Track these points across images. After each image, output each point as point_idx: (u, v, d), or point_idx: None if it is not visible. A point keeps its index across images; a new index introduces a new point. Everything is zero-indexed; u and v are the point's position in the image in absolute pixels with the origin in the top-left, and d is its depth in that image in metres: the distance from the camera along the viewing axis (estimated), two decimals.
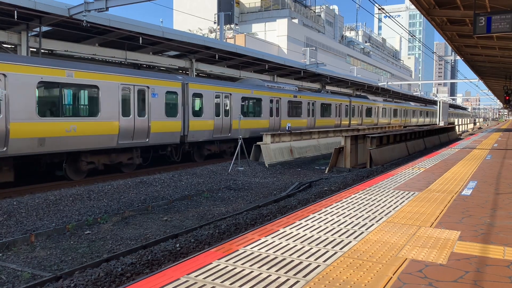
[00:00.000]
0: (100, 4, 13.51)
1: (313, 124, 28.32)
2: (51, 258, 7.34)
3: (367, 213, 5.67)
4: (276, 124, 24.31)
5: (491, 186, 8.01)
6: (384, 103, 42.28)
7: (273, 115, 24.06)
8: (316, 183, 14.59)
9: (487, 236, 4.68)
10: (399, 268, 3.64)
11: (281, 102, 24.73)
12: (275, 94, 24.23)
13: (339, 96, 33.62)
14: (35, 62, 12.32)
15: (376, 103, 39.87)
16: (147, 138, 15.67)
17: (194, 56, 22.94)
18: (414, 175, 9.44)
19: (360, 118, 35.90)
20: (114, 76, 14.51)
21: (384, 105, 41.88)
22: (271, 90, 23.98)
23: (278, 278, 3.40)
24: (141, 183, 13.02)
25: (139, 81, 15.43)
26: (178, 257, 7.15)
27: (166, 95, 16.57)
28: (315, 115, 28.70)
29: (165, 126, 16.49)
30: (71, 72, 13.12)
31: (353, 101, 34.47)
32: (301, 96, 27.06)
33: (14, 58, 11.95)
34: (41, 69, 12.33)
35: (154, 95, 15.98)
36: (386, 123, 41.89)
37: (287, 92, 25.71)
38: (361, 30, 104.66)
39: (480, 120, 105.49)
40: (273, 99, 24.05)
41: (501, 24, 10.15)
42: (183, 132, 17.52)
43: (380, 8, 15.31)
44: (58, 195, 11.05)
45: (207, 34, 54.93)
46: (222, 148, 20.56)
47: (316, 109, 28.81)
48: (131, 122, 15.07)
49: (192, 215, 10.35)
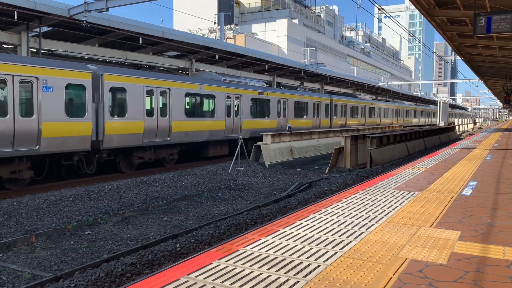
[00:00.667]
0: (100, 4, 13.51)
1: (285, 124, 25.10)
2: (51, 259, 7.34)
3: (367, 213, 5.67)
4: (236, 126, 20.56)
5: (491, 186, 8.01)
6: (373, 102, 39.64)
7: (231, 115, 20.44)
8: (316, 183, 14.59)
9: (487, 236, 4.67)
10: (399, 268, 3.64)
11: (242, 99, 21.21)
12: (234, 90, 20.66)
13: (318, 94, 31.17)
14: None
15: (364, 102, 37.00)
16: (37, 145, 12.26)
17: (194, 56, 22.95)
18: (414, 175, 9.44)
19: (343, 118, 32.79)
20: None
21: (373, 104, 39.10)
22: (229, 86, 20.48)
23: (278, 278, 3.40)
24: (141, 184, 13.03)
25: (20, 70, 11.87)
26: (178, 257, 7.15)
27: (67, 89, 13.15)
28: (287, 114, 25.25)
29: (66, 129, 13.08)
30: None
31: (335, 100, 31.41)
32: (269, 93, 23.61)
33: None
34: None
35: (47, 89, 12.59)
36: (375, 123, 38.93)
37: (251, 88, 22.17)
38: (361, 30, 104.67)
39: (480, 120, 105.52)
40: (231, 96, 20.49)
41: (501, 24, 10.15)
42: (95, 136, 14.09)
43: (380, 8, 15.31)
44: (58, 195, 11.05)
45: (207, 34, 54.97)
46: (160, 155, 16.96)
47: (288, 108, 25.45)
48: (9, 124, 11.63)
49: (192, 215, 10.35)
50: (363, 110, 36.65)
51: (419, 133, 27.14)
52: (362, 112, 36.32)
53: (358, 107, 35.33)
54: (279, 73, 30.91)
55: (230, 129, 20.27)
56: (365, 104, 37.10)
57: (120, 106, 15.01)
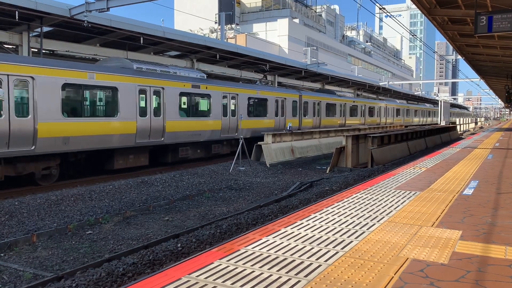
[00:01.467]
0: (101, 4, 13.52)
1: (234, 126, 19.90)
2: (52, 258, 7.35)
3: (368, 213, 5.67)
4: (158, 127, 15.90)
5: (492, 185, 8.00)
6: (355, 100, 35.32)
7: (149, 113, 15.55)
8: (317, 183, 14.58)
9: (488, 235, 4.67)
10: (400, 268, 3.64)
11: (165, 94, 16.21)
12: (150, 82, 15.65)
13: (283, 89, 26.24)
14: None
15: (344, 99, 32.99)
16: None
17: (195, 56, 22.96)
18: (415, 174, 9.43)
19: (317, 118, 28.66)
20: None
21: (355, 102, 34.67)
22: (143, 76, 15.54)
23: (280, 278, 3.40)
24: (142, 183, 13.04)
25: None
26: (179, 257, 7.15)
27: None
28: (237, 113, 20.35)
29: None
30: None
31: (304, 96, 26.79)
32: (209, 86, 18.65)
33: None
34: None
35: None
36: (358, 123, 34.77)
37: (179, 80, 17.12)
38: (362, 30, 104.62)
39: (481, 120, 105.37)
40: (147, 90, 15.49)
41: (503, 23, 10.13)
42: None
43: (381, 7, 15.30)
44: (60, 195, 11.07)
45: (208, 34, 55.00)
46: None
47: (240, 106, 20.64)
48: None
49: (193, 215, 10.35)
50: (343, 109, 32.75)
51: (420, 133, 27.12)
52: (342, 111, 32.52)
53: (335, 104, 31.24)
54: (280, 72, 30.92)
55: (142, 132, 15.43)
56: (346, 102, 33.28)
57: None
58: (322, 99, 29.15)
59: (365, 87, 44.50)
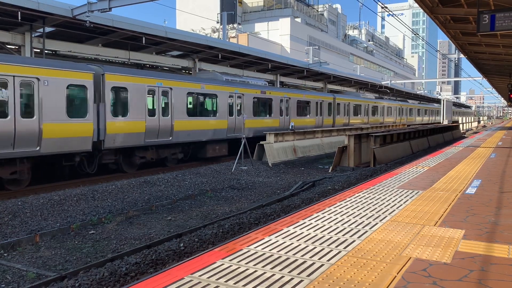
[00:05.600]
0: (103, 4, 13.54)
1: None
2: (55, 258, 7.38)
3: (371, 212, 5.66)
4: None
5: (495, 184, 7.98)
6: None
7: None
8: (320, 182, 14.57)
9: (491, 234, 4.66)
10: (403, 267, 3.64)
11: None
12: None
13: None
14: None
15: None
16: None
17: (197, 56, 22.96)
18: (418, 173, 9.41)
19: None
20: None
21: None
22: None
23: (282, 277, 3.40)
24: (144, 183, 13.05)
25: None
26: (182, 256, 7.16)
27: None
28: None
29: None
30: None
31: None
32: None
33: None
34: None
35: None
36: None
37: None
38: (364, 29, 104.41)
39: (484, 118, 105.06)
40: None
41: (505, 21, 10.09)
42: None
43: (383, 6, 15.28)
44: (63, 195, 11.09)
45: (210, 33, 54.96)
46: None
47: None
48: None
49: (195, 215, 10.36)
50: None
51: (423, 132, 27.06)
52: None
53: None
54: (282, 72, 30.89)
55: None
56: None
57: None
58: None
59: (367, 86, 44.41)
